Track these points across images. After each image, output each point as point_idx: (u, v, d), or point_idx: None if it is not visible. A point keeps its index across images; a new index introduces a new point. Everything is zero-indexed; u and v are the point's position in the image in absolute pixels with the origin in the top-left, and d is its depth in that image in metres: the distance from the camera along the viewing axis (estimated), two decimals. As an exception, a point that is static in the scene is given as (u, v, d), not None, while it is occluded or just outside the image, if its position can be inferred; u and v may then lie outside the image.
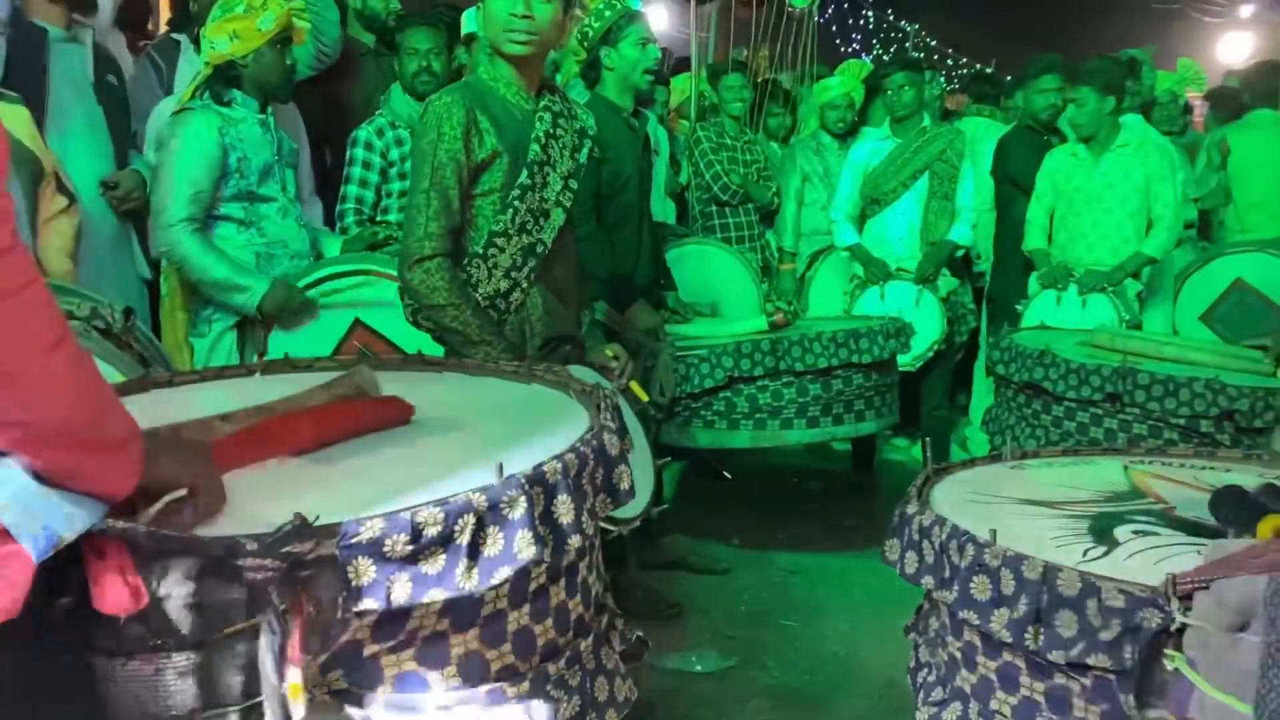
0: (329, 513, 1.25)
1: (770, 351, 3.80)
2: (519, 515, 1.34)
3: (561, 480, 1.43)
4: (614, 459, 1.59)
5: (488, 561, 1.31)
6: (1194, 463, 2.08)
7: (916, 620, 1.82)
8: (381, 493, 1.40)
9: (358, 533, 1.23)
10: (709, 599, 3.64)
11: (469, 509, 1.30)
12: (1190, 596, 1.25)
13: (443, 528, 1.27)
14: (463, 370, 2.22)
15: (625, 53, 3.70)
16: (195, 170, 3.22)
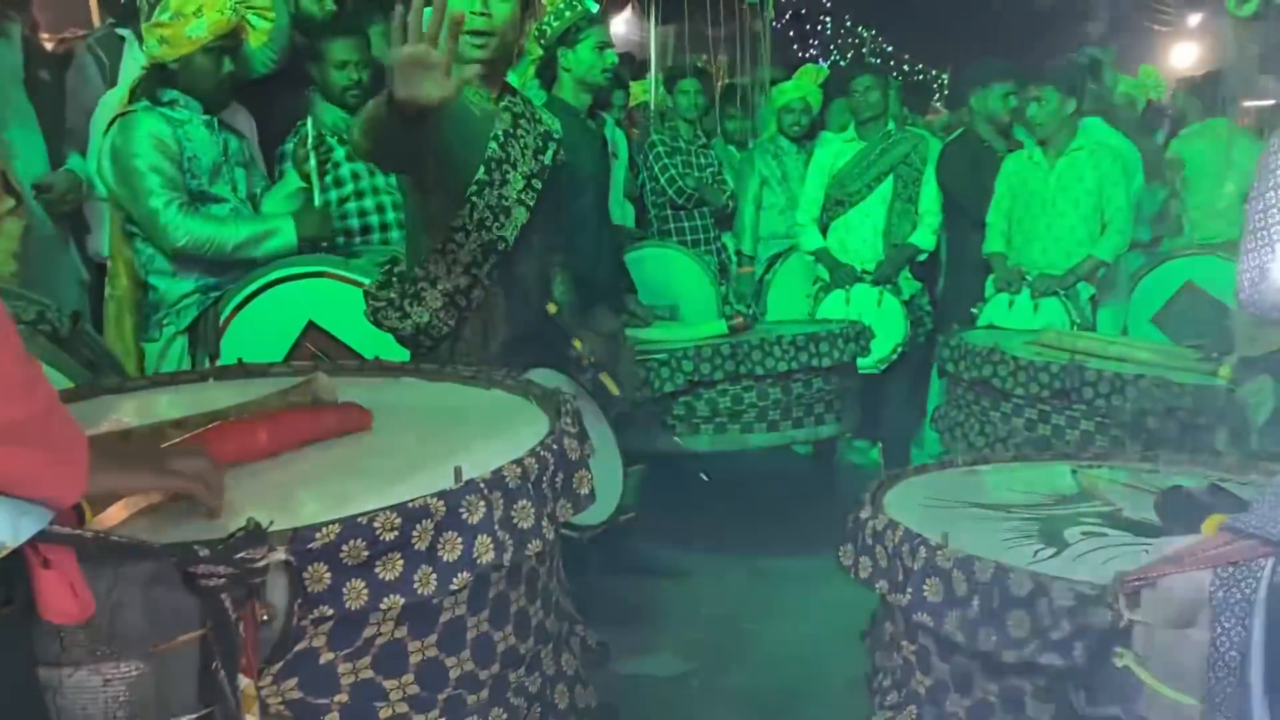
0: (284, 518, 1.24)
1: (730, 356, 3.81)
2: (478, 520, 1.33)
3: (521, 484, 1.42)
4: (574, 463, 1.58)
5: (446, 567, 1.30)
6: (1140, 466, 2.12)
7: (872, 626, 1.83)
8: (338, 498, 1.39)
9: (313, 538, 1.21)
10: (670, 602, 3.64)
11: (427, 514, 1.29)
12: (1137, 594, 1.27)
13: (400, 533, 1.26)
14: (421, 375, 2.20)
15: (582, 55, 3.70)
16: (160, 162, 3.19)
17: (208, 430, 1.61)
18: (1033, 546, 1.57)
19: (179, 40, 3.22)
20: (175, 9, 3.22)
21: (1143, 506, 1.74)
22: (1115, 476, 2.00)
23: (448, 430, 1.79)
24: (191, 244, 3.25)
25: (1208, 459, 2.20)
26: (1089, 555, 1.53)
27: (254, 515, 1.20)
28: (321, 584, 1.22)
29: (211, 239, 3.25)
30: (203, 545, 1.17)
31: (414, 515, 1.28)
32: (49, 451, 1.12)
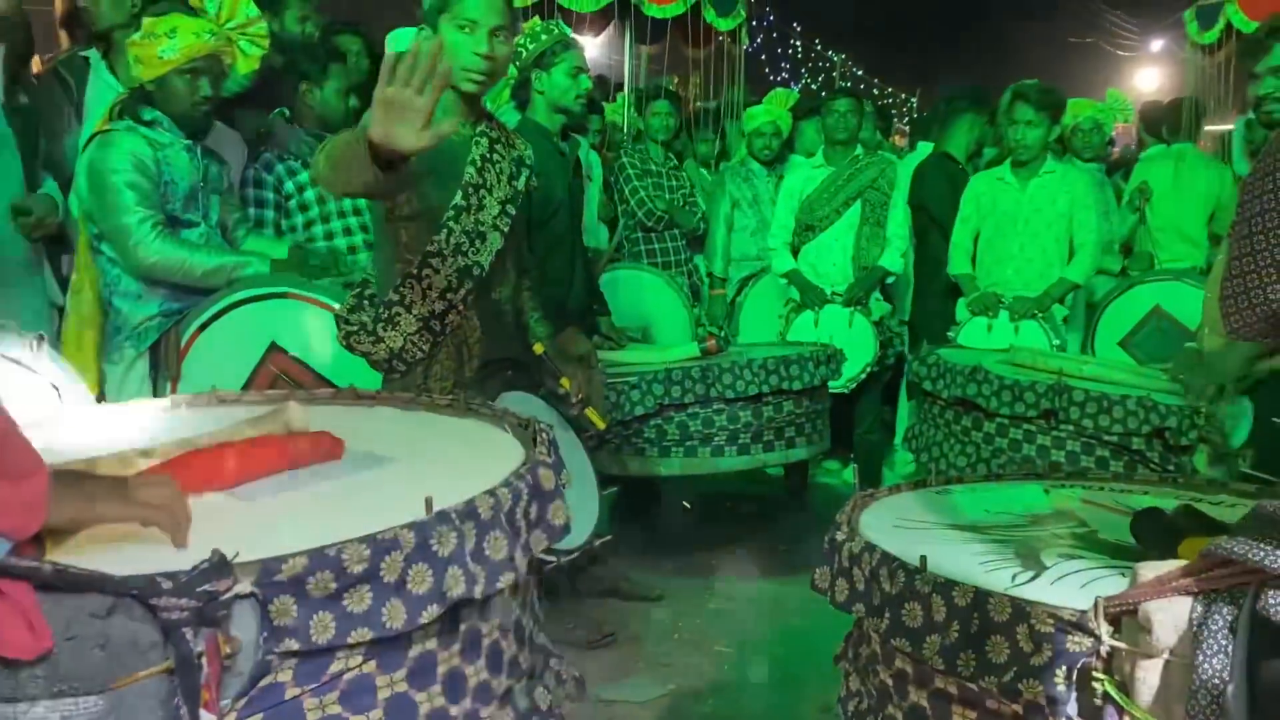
0: (251, 549, 1.21)
1: (701, 379, 3.80)
2: (449, 552, 1.31)
3: (494, 515, 1.40)
4: (549, 494, 1.56)
5: (416, 599, 1.27)
6: (1112, 485, 2.12)
7: (846, 648, 1.81)
8: (307, 528, 1.35)
9: (279, 570, 1.19)
10: (643, 626, 3.61)
11: (396, 545, 1.26)
12: (1118, 620, 1.26)
13: (368, 564, 1.24)
14: (396, 404, 2.17)
15: (557, 79, 3.71)
16: (139, 180, 3.16)
17: (175, 459, 1.59)
18: (1010, 569, 1.55)
19: (151, 61, 3.19)
20: (147, 29, 3.20)
21: (1117, 527, 1.73)
22: (1087, 496, 2.00)
23: (421, 459, 1.76)
24: (161, 265, 3.21)
25: (1177, 478, 2.20)
26: (1067, 578, 1.52)
27: (219, 547, 1.17)
28: (288, 617, 1.19)
29: (182, 263, 3.22)
30: (165, 577, 1.13)
31: (383, 547, 1.25)
32: (5, 481, 1.09)
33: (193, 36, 3.20)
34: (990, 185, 4.73)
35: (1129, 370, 3.54)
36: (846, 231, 4.95)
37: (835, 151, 4.99)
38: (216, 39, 3.27)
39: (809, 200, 4.98)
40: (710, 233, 5.75)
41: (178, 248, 3.21)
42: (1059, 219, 4.59)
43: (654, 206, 5.46)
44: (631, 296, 5.04)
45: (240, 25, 3.36)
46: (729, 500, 5.05)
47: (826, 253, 4.98)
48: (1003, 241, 4.66)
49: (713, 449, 3.90)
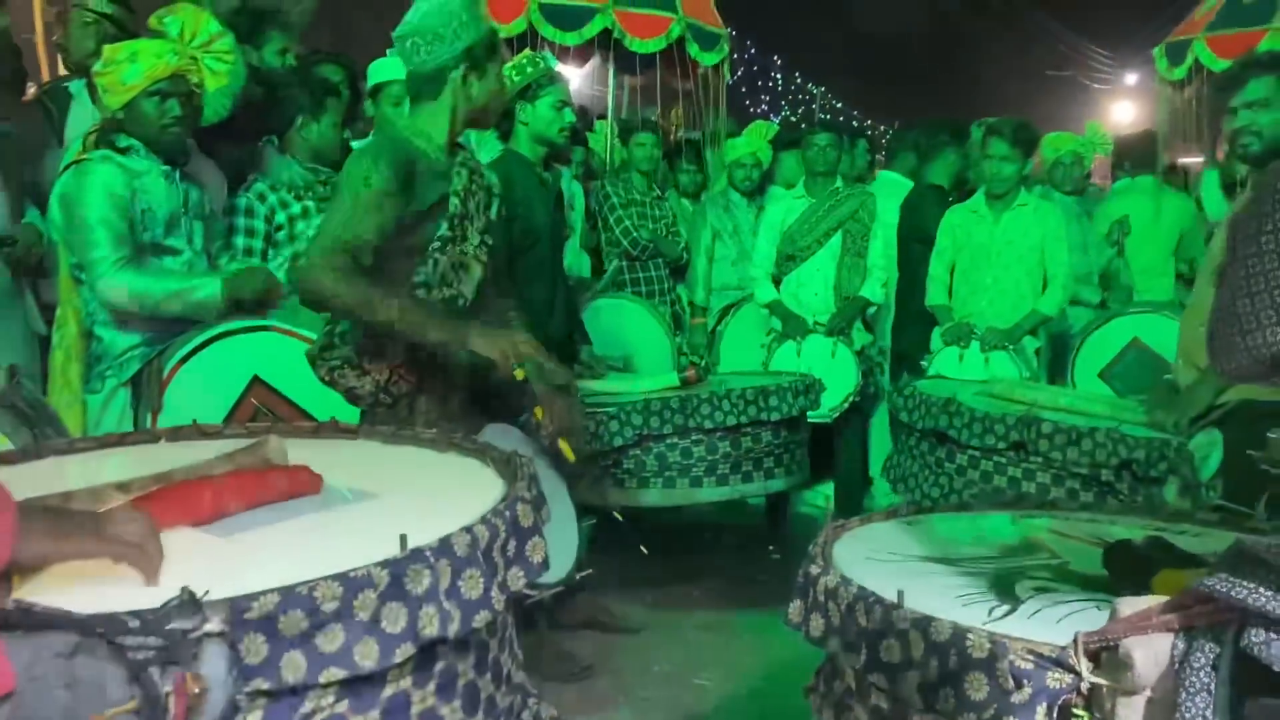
0: (222, 586, 1.19)
1: (680, 409, 3.79)
2: (423, 589, 1.29)
3: (470, 553, 1.38)
4: (527, 530, 1.54)
5: (389, 638, 1.26)
6: (1079, 515, 2.13)
7: (817, 681, 1.80)
8: (282, 565, 1.34)
9: (249, 608, 1.17)
10: (621, 659, 3.58)
11: (370, 583, 1.25)
12: (1098, 655, 1.25)
13: (341, 602, 1.22)
14: (378, 438, 2.16)
15: (541, 111, 3.73)
16: (109, 214, 3.13)
17: (150, 494, 1.57)
18: (987, 604, 1.55)
19: (116, 88, 3.18)
20: (108, 57, 3.19)
21: (1088, 559, 1.74)
22: (1055, 527, 2.00)
23: (400, 494, 1.75)
24: (122, 298, 3.18)
25: (1143, 508, 2.22)
26: (1043, 612, 1.51)
27: (188, 584, 1.15)
28: (258, 656, 1.17)
29: (140, 295, 3.18)
30: (132, 615, 1.12)
31: (356, 584, 1.24)
32: None
33: (154, 58, 3.19)
34: (964, 218, 4.78)
35: (1105, 402, 3.56)
36: (828, 262, 4.98)
37: (816, 183, 5.03)
38: (179, 58, 3.25)
39: (790, 231, 5.01)
40: (691, 262, 5.78)
41: (137, 279, 3.17)
42: (1031, 251, 4.64)
43: (639, 236, 5.48)
44: (612, 325, 5.04)
45: (204, 43, 3.36)
46: (709, 531, 5.03)
47: (808, 283, 5.00)
48: (976, 273, 4.71)
49: (691, 480, 3.89)
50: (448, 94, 2.54)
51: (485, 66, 2.57)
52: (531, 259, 3.75)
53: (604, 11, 6.17)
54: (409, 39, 2.51)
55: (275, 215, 3.73)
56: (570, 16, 6.19)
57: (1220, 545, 1.84)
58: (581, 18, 6.18)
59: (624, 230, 5.49)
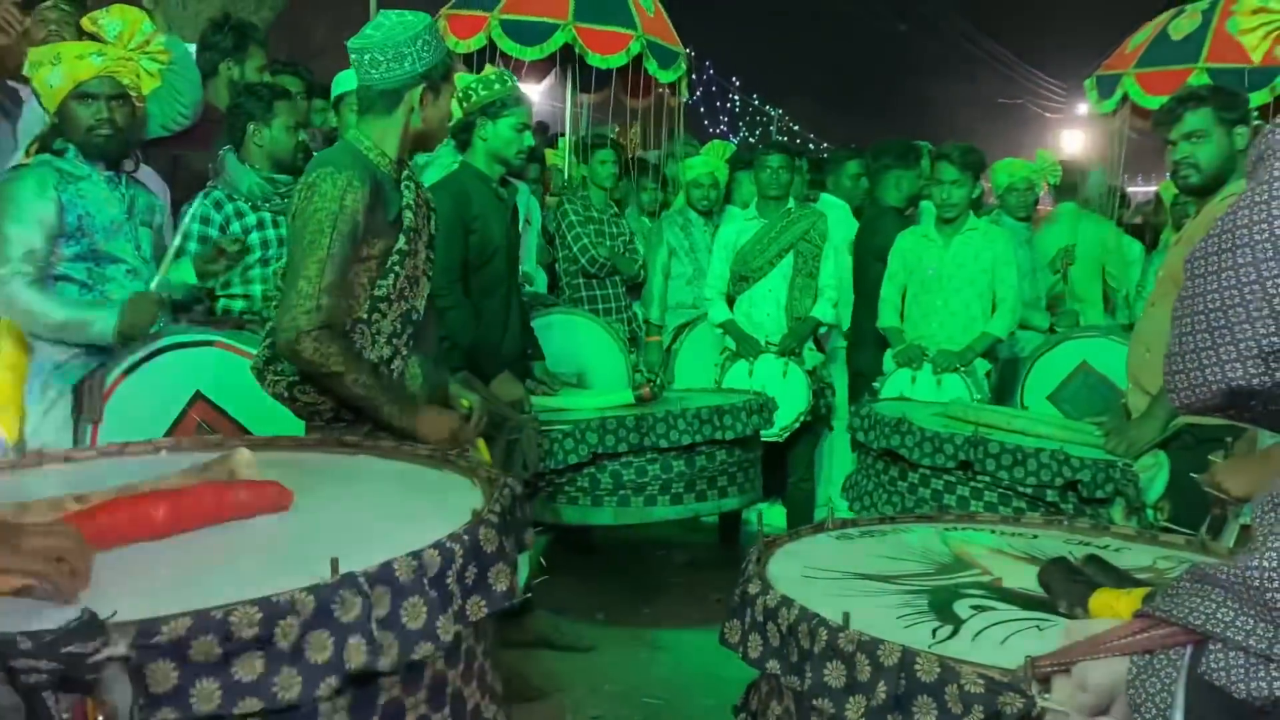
0: (144, 606, 1.13)
1: (635, 428, 3.77)
2: (351, 618, 1.22)
3: (415, 579, 1.31)
4: (490, 556, 1.47)
5: (313, 669, 1.19)
6: (1001, 528, 2.15)
7: (748, 700, 1.76)
8: (212, 585, 1.28)
9: (158, 632, 1.10)
10: (573, 678, 3.54)
11: (292, 609, 1.18)
12: (1050, 679, 1.24)
13: (260, 629, 1.15)
14: (378, 453, 2.13)
15: (502, 131, 3.72)
16: (25, 229, 3.05)
17: (101, 505, 1.51)
18: (929, 624, 1.54)
19: (45, 92, 3.12)
20: (33, 60, 3.12)
21: (1020, 575, 1.73)
22: (981, 540, 2.01)
23: (373, 513, 1.69)
24: (22, 314, 3.08)
25: (1063, 522, 2.23)
26: (986, 633, 1.50)
27: (110, 604, 1.10)
28: (167, 684, 1.10)
29: (38, 316, 3.07)
30: (26, 636, 1.04)
31: (278, 610, 1.17)
32: None
33: (75, 60, 3.12)
34: (915, 242, 4.83)
35: (1058, 425, 3.59)
36: (780, 282, 4.99)
37: (768, 204, 5.04)
38: (105, 59, 3.16)
39: (743, 252, 5.02)
40: (648, 280, 5.77)
41: (36, 298, 3.06)
42: (981, 275, 4.69)
43: (596, 253, 5.46)
44: (566, 341, 5.00)
45: (140, 44, 3.29)
46: (661, 550, 5.00)
47: (760, 303, 5.01)
48: (927, 296, 4.75)
49: (646, 498, 3.86)
50: (401, 112, 2.52)
51: (441, 90, 2.56)
52: (487, 274, 3.72)
53: (565, 28, 6.16)
54: (368, 53, 2.48)
55: (231, 225, 3.68)
56: (531, 32, 6.17)
57: (1143, 560, 1.86)
58: (542, 33, 6.16)
59: (581, 247, 5.46)
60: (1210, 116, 3.03)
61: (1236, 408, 1.08)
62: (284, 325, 2.36)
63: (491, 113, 3.70)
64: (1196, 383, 1.07)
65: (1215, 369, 1.05)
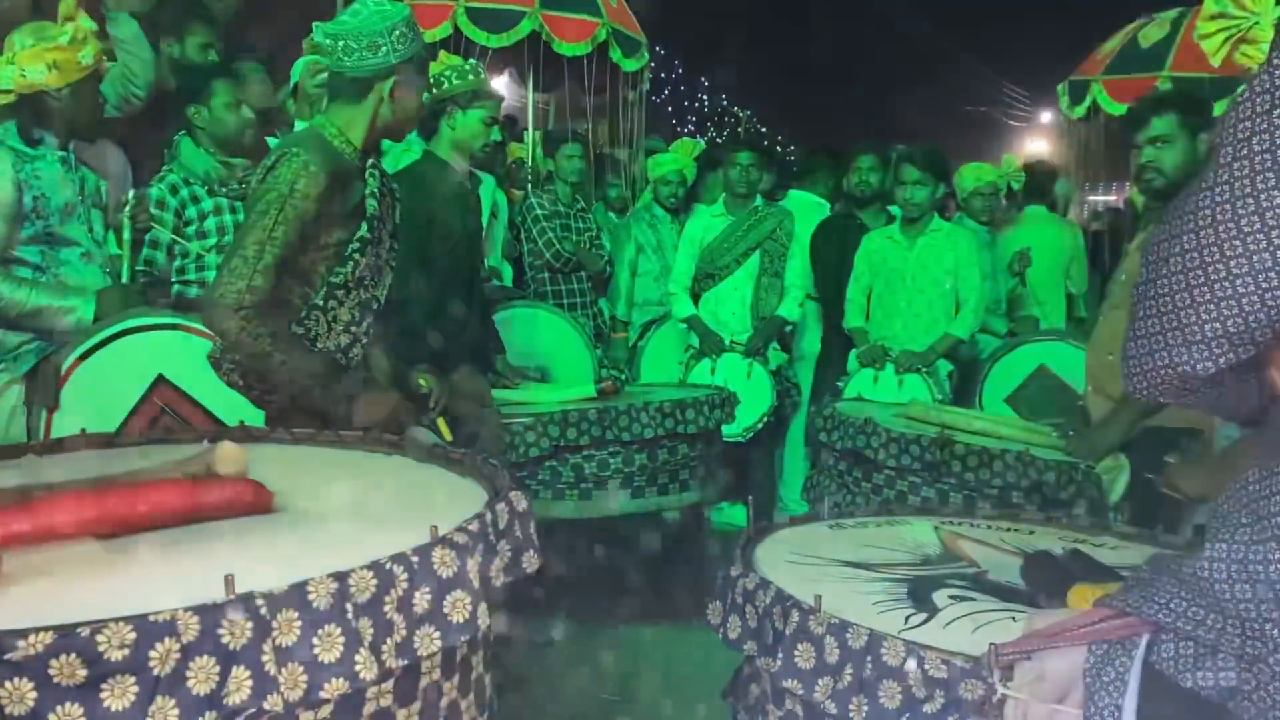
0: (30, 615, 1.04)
1: (597, 421, 3.76)
2: (240, 646, 1.10)
3: (334, 605, 1.18)
4: (447, 582, 1.33)
5: (195, 701, 1.07)
6: (999, 524, 2.16)
7: (735, 685, 1.78)
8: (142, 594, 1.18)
9: (14, 647, 1.00)
10: (531, 673, 3.52)
11: (172, 631, 1.06)
12: (1011, 667, 1.25)
13: (133, 651, 1.04)
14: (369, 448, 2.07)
15: (471, 122, 3.70)
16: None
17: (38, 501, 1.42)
18: (904, 611, 1.55)
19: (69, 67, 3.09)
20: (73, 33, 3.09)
21: (1007, 569, 1.75)
22: (976, 535, 2.02)
23: (357, 519, 1.59)
24: None
25: (1064, 519, 2.25)
26: (959, 621, 1.52)
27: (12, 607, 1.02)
28: (22, 705, 1.00)
29: (9, 303, 3.02)
30: None
31: (154, 632, 1.05)
32: None
33: (95, 43, 3.14)
34: (881, 244, 4.87)
35: (1017, 426, 3.62)
36: (746, 281, 5.01)
37: (736, 202, 5.05)
38: None
39: (709, 249, 5.03)
40: (614, 277, 5.76)
41: (15, 286, 3.02)
42: (945, 276, 4.74)
43: (561, 248, 5.44)
44: (527, 335, 4.99)
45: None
46: (621, 543, 4.99)
47: (726, 301, 5.03)
48: (891, 297, 4.79)
49: (607, 492, 3.85)
50: (370, 101, 2.49)
51: (414, 83, 2.54)
52: (448, 264, 3.70)
53: (531, 15, 6.14)
54: (342, 39, 2.44)
55: (186, 209, 3.64)
56: (498, 19, 6.14)
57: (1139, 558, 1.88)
58: (509, 20, 6.14)
59: (546, 241, 5.44)
60: (1175, 121, 3.07)
61: (1190, 394, 1.10)
62: (212, 299, 2.30)
63: (463, 102, 3.69)
64: (1148, 368, 1.09)
65: (1164, 354, 1.07)
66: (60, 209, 3.13)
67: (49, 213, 3.10)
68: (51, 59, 3.07)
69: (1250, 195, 0.98)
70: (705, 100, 22.95)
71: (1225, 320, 1.02)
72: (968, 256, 4.77)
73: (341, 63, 2.46)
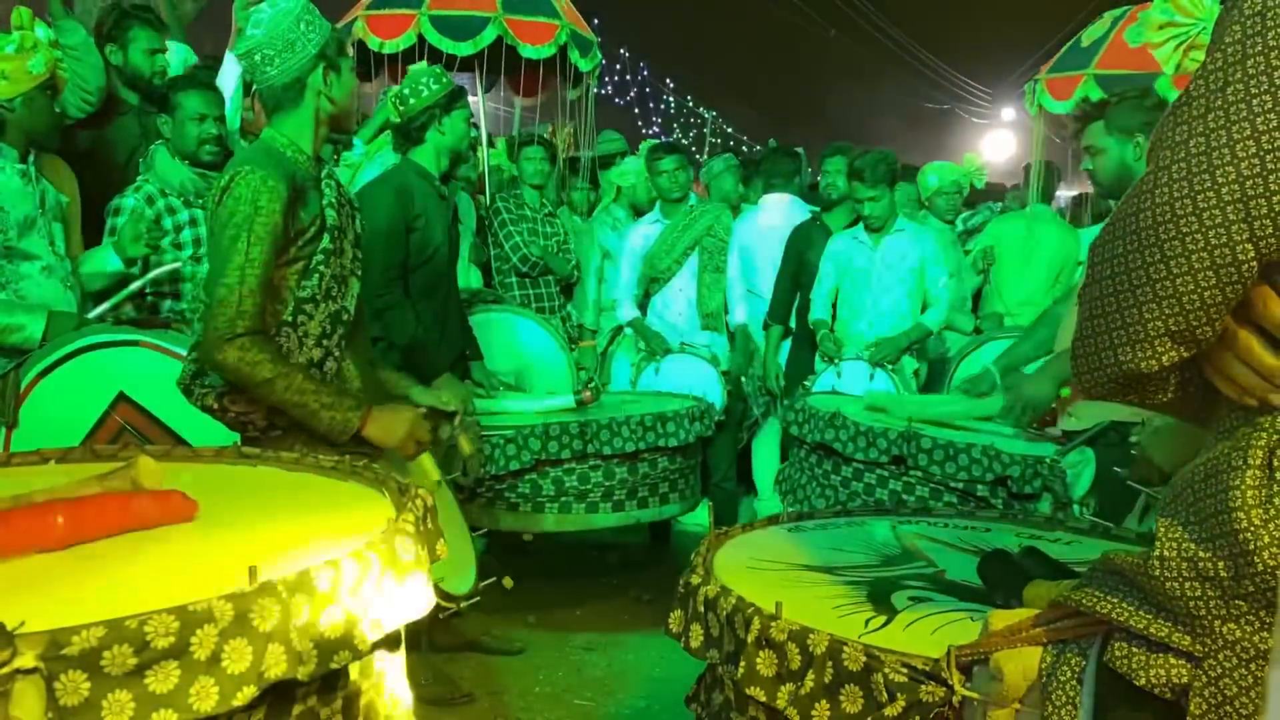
0: (48, 617, 1.09)
1: (578, 434, 3.75)
2: (271, 626, 1.20)
3: (333, 588, 1.30)
4: (406, 565, 1.46)
5: (231, 679, 1.16)
6: (956, 522, 2.18)
7: (698, 691, 1.78)
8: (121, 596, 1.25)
9: (69, 643, 1.06)
10: (503, 681, 3.52)
11: (210, 618, 1.15)
12: (970, 669, 1.27)
13: (177, 639, 1.12)
14: (279, 464, 2.07)
15: (455, 125, 3.73)
16: None
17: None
18: (864, 614, 1.56)
19: (20, 76, 3.09)
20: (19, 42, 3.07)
21: (964, 568, 1.76)
22: (933, 534, 2.04)
23: (282, 524, 1.66)
24: None
25: (1017, 514, 2.28)
26: (919, 623, 1.53)
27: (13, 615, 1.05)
28: (78, 696, 1.07)
29: None
30: None
31: (194, 619, 1.14)
32: None
33: (48, 51, 3.13)
34: (846, 244, 4.90)
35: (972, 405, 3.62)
36: (689, 281, 5.04)
37: (670, 206, 5.07)
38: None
39: (650, 255, 5.06)
40: (580, 283, 5.75)
41: None
42: (910, 274, 4.77)
43: (529, 252, 5.43)
44: (505, 340, 4.97)
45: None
46: (592, 549, 4.99)
47: (672, 303, 5.06)
48: (857, 296, 4.82)
49: (588, 505, 3.85)
50: (309, 99, 2.47)
51: (339, 63, 2.51)
52: (427, 273, 3.70)
53: (495, 20, 6.13)
54: (258, 52, 2.42)
55: (163, 220, 3.60)
56: (463, 27, 6.13)
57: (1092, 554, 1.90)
58: (474, 27, 6.13)
59: (513, 245, 5.43)
60: (1101, 130, 3.11)
61: (1136, 393, 1.12)
62: (208, 337, 2.30)
63: (444, 106, 3.70)
64: (1094, 366, 1.11)
65: (1109, 353, 1.08)
66: (19, 222, 3.09)
67: (7, 227, 3.06)
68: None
69: (1188, 196, 1.00)
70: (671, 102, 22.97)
71: (1168, 318, 1.03)
72: (933, 254, 4.80)
73: (266, 75, 2.44)
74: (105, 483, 1.68)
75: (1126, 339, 1.06)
